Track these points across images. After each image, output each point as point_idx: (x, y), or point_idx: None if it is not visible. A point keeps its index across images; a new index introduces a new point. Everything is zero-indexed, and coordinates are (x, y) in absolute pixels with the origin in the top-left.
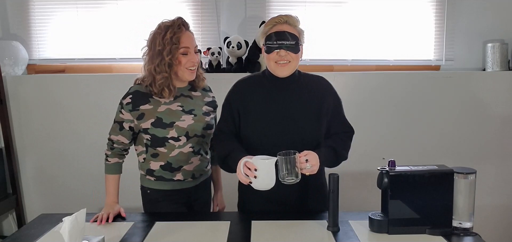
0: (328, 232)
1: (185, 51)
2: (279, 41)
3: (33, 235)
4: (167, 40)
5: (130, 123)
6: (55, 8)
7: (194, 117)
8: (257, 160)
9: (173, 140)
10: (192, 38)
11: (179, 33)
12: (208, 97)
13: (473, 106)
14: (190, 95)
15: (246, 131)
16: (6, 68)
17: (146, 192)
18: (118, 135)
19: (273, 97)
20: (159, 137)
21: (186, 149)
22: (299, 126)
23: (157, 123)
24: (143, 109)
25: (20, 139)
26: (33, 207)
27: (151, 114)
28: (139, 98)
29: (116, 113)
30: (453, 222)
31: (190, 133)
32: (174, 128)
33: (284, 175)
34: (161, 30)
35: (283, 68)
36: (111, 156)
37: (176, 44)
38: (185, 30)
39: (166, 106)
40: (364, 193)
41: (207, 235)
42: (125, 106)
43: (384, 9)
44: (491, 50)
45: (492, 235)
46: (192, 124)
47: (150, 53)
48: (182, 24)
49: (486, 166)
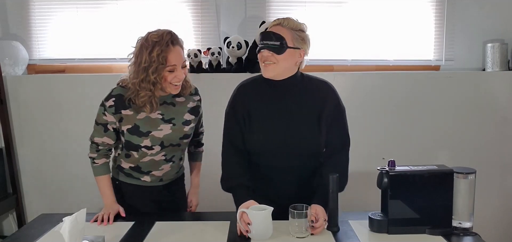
0: (328, 232)
1: (171, 69)
2: (263, 41)
3: (33, 235)
4: (154, 58)
5: (114, 124)
6: (55, 8)
7: (173, 126)
8: (252, 212)
9: (146, 149)
10: (181, 54)
11: (166, 52)
12: (193, 102)
13: (473, 106)
14: (173, 102)
15: (248, 136)
16: (6, 68)
17: (115, 182)
18: (103, 137)
19: (274, 104)
20: (133, 143)
21: (158, 157)
22: (300, 132)
23: (133, 130)
24: (124, 113)
25: (20, 139)
26: (33, 207)
27: (129, 121)
28: (121, 102)
29: (98, 115)
30: (453, 222)
31: (165, 142)
32: (149, 138)
33: (293, 231)
34: (149, 45)
35: (266, 69)
36: (97, 157)
37: (163, 64)
38: (174, 46)
39: (146, 114)
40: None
41: (207, 235)
42: (108, 108)
43: (384, 9)
44: (491, 50)
45: (492, 235)
46: (169, 134)
47: (135, 66)
48: (171, 41)
49: (486, 166)
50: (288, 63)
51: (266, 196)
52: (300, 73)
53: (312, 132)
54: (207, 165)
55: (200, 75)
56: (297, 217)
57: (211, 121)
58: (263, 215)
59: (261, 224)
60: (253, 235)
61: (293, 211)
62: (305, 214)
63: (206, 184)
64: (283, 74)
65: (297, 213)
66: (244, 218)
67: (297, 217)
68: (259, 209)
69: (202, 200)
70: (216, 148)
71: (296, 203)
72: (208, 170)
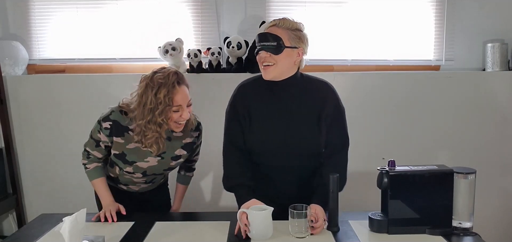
0: (328, 232)
1: (177, 109)
2: (260, 43)
3: (33, 235)
4: (160, 99)
5: (106, 143)
6: (55, 8)
7: (160, 160)
8: (252, 212)
9: (128, 174)
10: (186, 94)
11: (172, 93)
12: (189, 138)
13: (473, 106)
14: (170, 136)
15: (248, 135)
16: (6, 68)
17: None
18: (94, 150)
19: (274, 104)
20: (117, 165)
21: (138, 179)
22: (300, 132)
23: (120, 157)
24: (115, 140)
25: (20, 139)
26: (33, 207)
27: (118, 148)
28: (117, 130)
29: (94, 130)
30: (453, 222)
31: (148, 172)
32: (133, 167)
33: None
34: (154, 86)
35: (266, 71)
36: (89, 163)
37: (169, 105)
38: (179, 86)
39: (136, 145)
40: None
41: (207, 235)
42: (103, 129)
43: (384, 9)
44: (491, 50)
45: (492, 235)
46: (155, 166)
47: (140, 106)
48: (177, 82)
49: (486, 166)
50: (287, 63)
51: (266, 195)
52: (300, 73)
53: (312, 132)
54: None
55: (200, 75)
56: (297, 217)
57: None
58: (263, 215)
59: (261, 224)
60: (253, 235)
61: (293, 211)
62: (305, 214)
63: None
64: (283, 74)
65: (297, 213)
66: (244, 218)
67: (296, 217)
68: (259, 209)
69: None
70: (216, 148)
71: (296, 203)
72: (208, 170)
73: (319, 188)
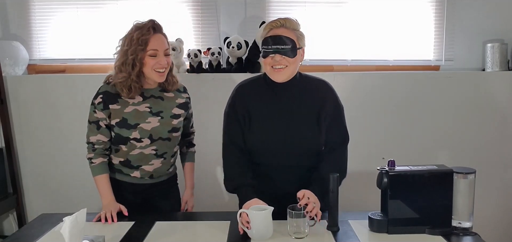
0: (328, 232)
1: (153, 53)
2: (274, 45)
3: (34, 235)
4: (134, 41)
5: (105, 120)
6: (55, 8)
7: (161, 120)
8: (252, 212)
9: (135, 141)
10: (163, 41)
11: (147, 35)
12: (181, 99)
13: (472, 106)
14: (162, 96)
15: (248, 136)
16: (7, 68)
17: None
18: (97, 134)
19: (274, 103)
20: (122, 136)
21: (148, 150)
22: (300, 132)
23: (122, 123)
24: (111, 108)
25: (21, 139)
26: (34, 207)
27: (117, 115)
28: (109, 98)
29: (90, 114)
30: (453, 221)
31: (154, 136)
32: (138, 130)
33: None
34: (132, 31)
35: (278, 74)
36: (94, 157)
37: (142, 46)
38: (155, 32)
39: (133, 107)
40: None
41: (207, 235)
42: (97, 106)
43: (384, 9)
44: (491, 50)
45: (492, 235)
46: (157, 127)
47: (119, 53)
48: (152, 27)
49: (485, 166)
50: (297, 64)
51: (266, 195)
52: (299, 73)
53: (312, 131)
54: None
55: (200, 75)
56: (295, 217)
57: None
58: (263, 215)
59: (261, 224)
60: (253, 235)
61: (291, 211)
62: (304, 214)
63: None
64: (291, 75)
65: (295, 213)
66: (244, 217)
67: (295, 217)
68: (259, 209)
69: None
70: (216, 148)
71: (294, 200)
72: (208, 170)
73: (316, 181)
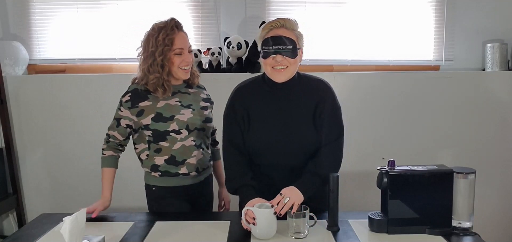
0: (328, 232)
1: (179, 52)
2: (275, 46)
3: (34, 235)
4: (160, 42)
5: (129, 120)
6: (55, 8)
7: (193, 111)
8: (257, 210)
9: (175, 133)
10: (186, 39)
11: (172, 35)
12: (204, 94)
13: (472, 106)
14: (187, 91)
15: (247, 137)
16: (7, 68)
17: (151, 189)
18: (115, 130)
19: (273, 103)
20: (160, 130)
21: (188, 142)
22: (300, 131)
23: (158, 118)
24: (142, 106)
25: (21, 139)
26: (34, 206)
27: (151, 110)
28: (138, 96)
29: (116, 111)
30: (453, 221)
31: (190, 126)
32: (175, 121)
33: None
34: (155, 32)
35: (279, 74)
36: (106, 149)
37: (169, 46)
38: (178, 31)
39: (165, 102)
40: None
41: (207, 235)
42: (124, 104)
43: (384, 9)
44: (491, 50)
45: (492, 235)
46: (192, 117)
47: (144, 54)
48: (175, 26)
49: (486, 166)
50: (297, 64)
51: (266, 195)
52: (297, 73)
53: (312, 131)
54: None
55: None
56: (295, 217)
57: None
58: (268, 213)
59: (265, 222)
60: (257, 233)
61: (291, 211)
62: (303, 214)
63: None
64: (291, 76)
65: (295, 213)
66: (249, 214)
67: (295, 217)
68: (264, 207)
69: None
70: None
71: None
72: None
73: (304, 175)
